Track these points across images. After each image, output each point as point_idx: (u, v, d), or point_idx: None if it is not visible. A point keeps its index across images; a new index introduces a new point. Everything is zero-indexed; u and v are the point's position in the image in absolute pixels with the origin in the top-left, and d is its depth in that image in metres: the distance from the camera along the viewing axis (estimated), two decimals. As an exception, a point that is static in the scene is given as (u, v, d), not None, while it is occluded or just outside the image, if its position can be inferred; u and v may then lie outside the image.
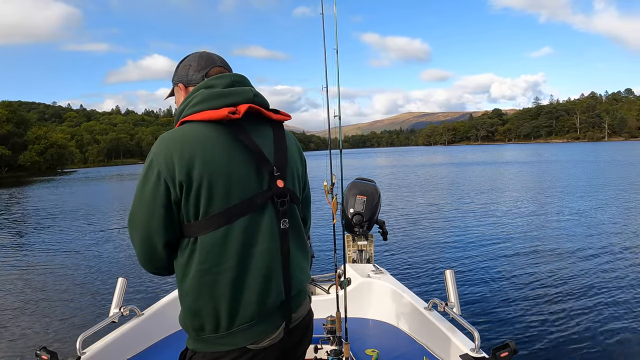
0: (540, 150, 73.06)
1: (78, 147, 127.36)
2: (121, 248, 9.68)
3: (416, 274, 6.77)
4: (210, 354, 1.26)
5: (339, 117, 2.47)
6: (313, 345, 2.31)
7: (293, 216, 1.36)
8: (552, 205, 13.55)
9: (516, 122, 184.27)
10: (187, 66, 1.43)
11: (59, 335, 5.02)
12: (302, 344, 1.45)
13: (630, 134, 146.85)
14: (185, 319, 1.27)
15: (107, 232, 12.38)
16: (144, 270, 1.38)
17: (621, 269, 6.56)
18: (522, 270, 6.70)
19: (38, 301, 6.37)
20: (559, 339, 4.29)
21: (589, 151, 61.12)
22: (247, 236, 1.24)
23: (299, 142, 1.50)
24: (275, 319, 1.30)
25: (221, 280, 1.22)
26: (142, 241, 1.26)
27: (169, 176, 1.20)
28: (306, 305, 1.44)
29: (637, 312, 4.88)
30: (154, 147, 1.25)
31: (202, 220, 1.21)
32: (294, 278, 1.34)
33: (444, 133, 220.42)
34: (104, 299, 6.15)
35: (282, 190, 1.31)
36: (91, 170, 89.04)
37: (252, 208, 1.25)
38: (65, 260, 9.00)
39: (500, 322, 4.74)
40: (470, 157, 56.74)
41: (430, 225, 10.97)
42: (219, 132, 1.24)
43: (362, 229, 3.77)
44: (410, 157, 73.02)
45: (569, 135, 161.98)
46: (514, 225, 10.48)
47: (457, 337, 2.14)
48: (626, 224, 10.06)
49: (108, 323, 2.31)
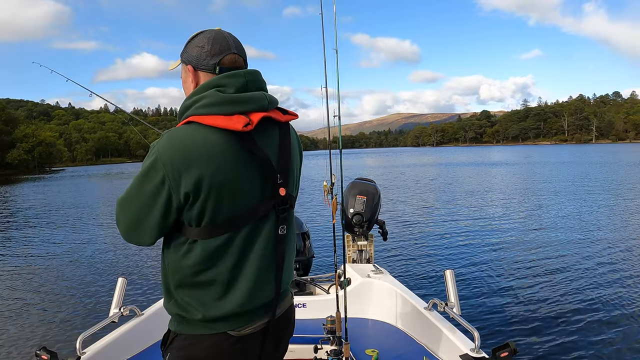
0: (529, 152, 73.21)
1: (66, 145, 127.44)
2: (121, 248, 9.67)
3: (416, 274, 6.77)
4: (192, 337, 1.27)
5: (339, 117, 2.47)
6: (313, 345, 2.31)
7: (290, 222, 1.37)
8: (551, 206, 13.55)
9: (504, 124, 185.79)
10: (200, 47, 1.30)
11: (59, 335, 5.01)
12: (286, 331, 1.46)
13: (617, 137, 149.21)
14: (171, 306, 1.29)
15: (107, 232, 12.38)
16: (145, 271, 1.38)
17: (622, 269, 6.56)
18: (523, 270, 6.70)
19: (38, 301, 6.37)
20: (559, 339, 4.28)
21: (578, 153, 61.49)
22: (247, 243, 1.25)
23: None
24: (258, 315, 1.32)
25: (215, 280, 1.23)
26: (127, 227, 1.26)
27: (175, 184, 1.17)
28: (289, 300, 1.46)
29: (638, 312, 4.89)
30: (160, 145, 1.19)
31: (204, 228, 1.21)
32: (283, 280, 1.36)
33: (432, 134, 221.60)
34: (104, 299, 6.15)
35: (284, 198, 1.31)
36: (79, 169, 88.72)
37: (255, 217, 1.26)
38: (65, 260, 8.99)
39: (500, 322, 4.74)
40: (462, 158, 56.87)
41: (431, 225, 10.96)
42: (229, 142, 1.20)
43: (362, 229, 3.77)
44: (400, 158, 73.02)
45: (557, 137, 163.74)
46: (514, 225, 10.48)
47: (457, 337, 2.14)
48: (624, 223, 10.06)
49: (108, 323, 2.31)
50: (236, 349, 1.27)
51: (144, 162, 1.22)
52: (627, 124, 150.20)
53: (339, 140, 2.45)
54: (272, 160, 1.28)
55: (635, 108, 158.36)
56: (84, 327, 4.31)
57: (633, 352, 4.00)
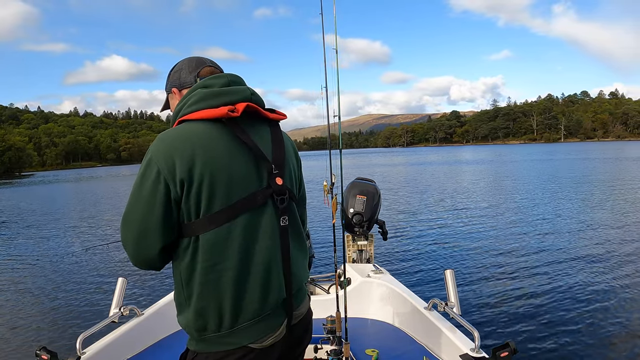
0: (500, 151, 73.64)
1: (36, 149, 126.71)
2: (121, 248, 9.66)
3: (416, 274, 6.77)
4: (213, 355, 1.25)
5: (339, 117, 2.46)
6: (313, 345, 2.31)
7: (292, 214, 1.37)
8: (551, 205, 13.54)
9: (474, 124, 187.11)
10: (179, 70, 1.44)
11: (59, 335, 5.02)
12: (302, 343, 1.45)
13: (585, 135, 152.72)
14: (188, 320, 1.26)
15: (107, 232, 12.38)
16: (144, 271, 1.38)
17: (623, 269, 6.56)
18: (523, 270, 6.70)
19: (38, 301, 6.38)
20: (559, 339, 4.29)
21: (548, 152, 62.23)
22: (248, 234, 1.24)
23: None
24: (277, 316, 1.30)
25: (224, 278, 1.22)
26: (136, 240, 1.24)
27: (170, 175, 1.18)
28: (306, 304, 1.45)
29: (638, 312, 4.89)
30: (152, 146, 1.24)
31: (203, 218, 1.21)
32: (294, 275, 1.34)
33: (402, 135, 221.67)
34: (104, 299, 6.15)
35: (281, 187, 1.31)
36: (49, 174, 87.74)
37: (253, 206, 1.26)
38: (65, 260, 9.00)
39: (500, 322, 4.74)
40: (433, 158, 57.16)
41: (431, 225, 10.96)
42: (218, 131, 1.25)
43: (362, 229, 3.77)
44: (369, 158, 73.07)
45: (526, 136, 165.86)
46: (514, 225, 10.48)
47: (457, 337, 2.13)
48: (622, 223, 10.07)
49: (108, 323, 2.31)
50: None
51: (140, 166, 1.24)
52: (595, 122, 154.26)
53: (339, 140, 2.44)
54: (265, 151, 1.31)
55: (602, 107, 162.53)
56: (84, 327, 4.32)
57: (633, 351, 4.00)
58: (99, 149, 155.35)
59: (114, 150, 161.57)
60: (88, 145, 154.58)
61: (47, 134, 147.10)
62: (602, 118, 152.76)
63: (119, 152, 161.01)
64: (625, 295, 5.40)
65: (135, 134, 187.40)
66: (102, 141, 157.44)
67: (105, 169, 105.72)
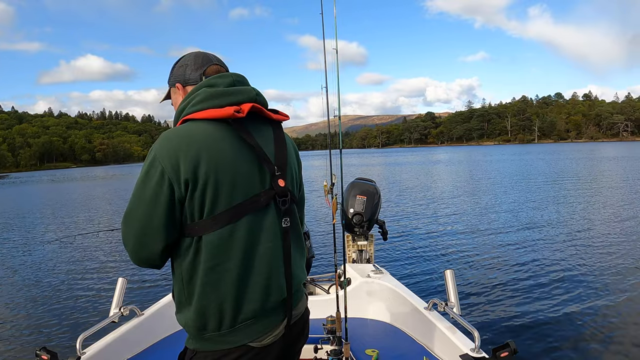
0: (477, 152, 73.91)
1: (10, 150, 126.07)
2: (121, 248, 9.67)
3: (416, 274, 6.76)
4: (212, 353, 1.25)
5: (339, 117, 2.47)
6: (313, 345, 2.31)
7: (293, 215, 1.38)
8: (550, 206, 13.54)
9: (449, 125, 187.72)
10: (184, 66, 1.43)
11: (59, 335, 5.02)
12: (300, 342, 1.46)
13: (559, 136, 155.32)
14: (188, 318, 1.26)
15: (107, 232, 12.38)
16: (144, 271, 1.38)
17: (623, 269, 6.55)
18: (523, 270, 6.69)
19: (38, 301, 6.37)
20: (559, 339, 4.28)
21: (523, 152, 62.41)
22: (251, 235, 1.25)
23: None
24: (276, 315, 1.31)
25: (226, 278, 1.22)
26: (137, 239, 1.23)
27: (174, 174, 1.18)
28: (304, 303, 1.46)
29: (638, 312, 4.89)
30: (156, 145, 1.23)
31: (207, 219, 1.21)
32: (294, 276, 1.36)
33: (377, 136, 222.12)
34: (104, 299, 6.15)
35: (283, 189, 1.32)
36: (24, 175, 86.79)
37: (256, 207, 1.26)
38: (65, 260, 9.00)
39: (500, 322, 4.74)
40: (409, 159, 56.97)
41: (431, 225, 10.96)
42: (223, 131, 1.25)
43: (362, 229, 3.78)
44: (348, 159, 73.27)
45: (500, 137, 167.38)
46: (514, 225, 10.48)
47: (457, 337, 2.13)
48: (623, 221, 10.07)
49: (108, 323, 2.31)
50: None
51: (143, 165, 1.24)
52: (568, 124, 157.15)
53: (339, 139, 2.45)
54: (267, 153, 1.31)
55: (576, 109, 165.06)
56: (84, 327, 4.31)
57: (633, 351, 4.00)
58: (73, 150, 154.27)
59: (89, 151, 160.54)
60: (62, 146, 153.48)
61: (21, 135, 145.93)
62: (576, 119, 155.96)
63: (94, 152, 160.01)
64: (627, 296, 5.40)
65: (110, 134, 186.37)
66: (77, 142, 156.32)
67: (80, 170, 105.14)
